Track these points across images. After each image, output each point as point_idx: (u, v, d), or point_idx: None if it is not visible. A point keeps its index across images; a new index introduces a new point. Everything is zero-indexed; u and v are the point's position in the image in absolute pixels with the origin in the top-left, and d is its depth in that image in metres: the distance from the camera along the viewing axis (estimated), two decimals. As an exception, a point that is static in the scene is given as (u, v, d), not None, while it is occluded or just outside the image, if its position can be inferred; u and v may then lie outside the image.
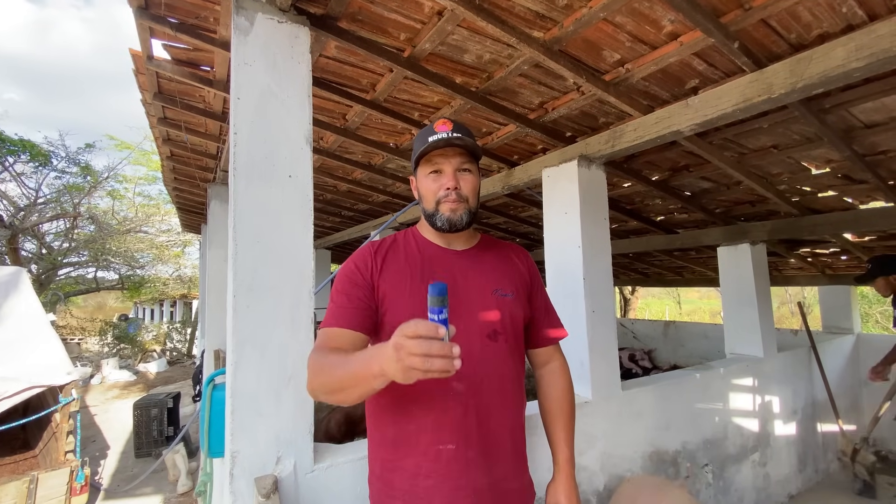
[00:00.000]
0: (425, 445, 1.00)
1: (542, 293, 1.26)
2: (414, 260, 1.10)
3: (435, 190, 1.08)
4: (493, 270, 1.15)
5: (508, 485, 1.08)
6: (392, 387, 1.05)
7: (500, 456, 1.06)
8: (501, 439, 1.07)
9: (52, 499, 2.89)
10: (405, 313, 1.01)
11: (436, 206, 1.09)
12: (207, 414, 1.46)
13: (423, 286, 1.04)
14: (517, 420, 1.13)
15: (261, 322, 1.30)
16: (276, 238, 1.36)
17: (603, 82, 1.90)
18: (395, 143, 2.99)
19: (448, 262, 1.12)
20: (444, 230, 1.09)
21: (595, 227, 2.20)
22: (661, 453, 2.33)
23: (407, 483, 1.01)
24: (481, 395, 1.04)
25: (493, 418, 1.06)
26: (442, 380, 1.00)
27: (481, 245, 1.20)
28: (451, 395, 1.02)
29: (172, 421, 4.73)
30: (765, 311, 3.15)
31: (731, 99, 1.68)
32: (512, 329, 1.11)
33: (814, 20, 1.50)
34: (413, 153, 1.12)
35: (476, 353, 1.04)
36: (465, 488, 1.00)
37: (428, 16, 1.68)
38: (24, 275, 4.13)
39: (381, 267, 1.07)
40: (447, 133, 1.06)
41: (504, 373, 1.09)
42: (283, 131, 1.41)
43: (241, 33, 1.38)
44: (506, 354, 1.09)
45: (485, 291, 1.10)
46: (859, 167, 2.30)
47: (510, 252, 1.23)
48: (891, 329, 10.25)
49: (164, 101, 2.70)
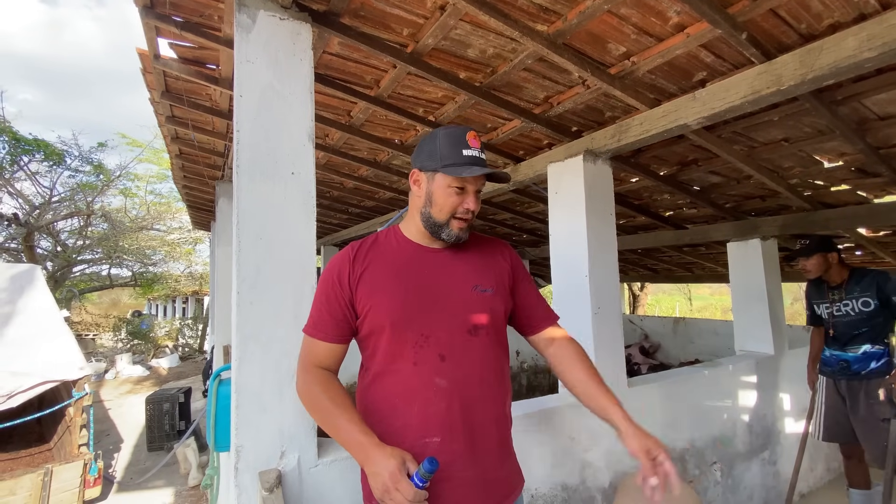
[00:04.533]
0: (412, 440, 1.01)
1: (529, 283, 1.26)
2: (395, 260, 1.12)
3: (453, 205, 1.08)
4: (473, 267, 1.15)
5: (495, 474, 1.08)
6: (379, 387, 1.07)
7: (485, 447, 1.07)
8: (486, 431, 1.08)
9: (65, 491, 2.96)
10: (385, 310, 1.04)
11: (447, 220, 1.09)
12: (213, 409, 1.47)
13: (402, 286, 1.07)
14: (502, 411, 1.13)
15: (264, 318, 1.31)
16: (279, 235, 1.37)
17: (608, 76, 1.87)
18: (400, 139, 2.99)
19: (427, 260, 1.13)
20: (447, 241, 1.12)
21: (601, 223, 2.18)
22: (668, 451, 2.31)
23: None
24: (464, 389, 1.05)
25: (478, 411, 1.06)
26: (425, 377, 1.03)
27: (467, 242, 1.20)
28: (434, 390, 1.03)
29: (184, 415, 4.81)
30: (775, 307, 3.10)
31: (740, 91, 1.65)
32: (493, 323, 1.12)
33: (825, 10, 1.46)
34: (432, 153, 1.09)
35: (458, 348, 1.06)
36: (452, 479, 1.01)
37: (430, 10, 1.67)
38: (38, 272, 4.21)
39: (361, 272, 1.08)
40: (478, 152, 1.07)
41: (486, 366, 1.10)
42: (285, 128, 1.42)
43: (243, 31, 1.39)
44: (487, 348, 1.10)
45: (464, 288, 1.11)
46: (873, 160, 2.25)
47: (491, 247, 1.24)
48: None
49: (172, 100, 2.72)
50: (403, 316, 1.04)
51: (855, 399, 2.38)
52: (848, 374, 2.42)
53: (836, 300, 2.51)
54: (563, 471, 1.91)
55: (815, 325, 2.67)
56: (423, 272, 1.10)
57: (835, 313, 2.52)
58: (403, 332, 1.04)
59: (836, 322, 2.51)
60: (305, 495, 1.33)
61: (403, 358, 1.04)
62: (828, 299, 2.56)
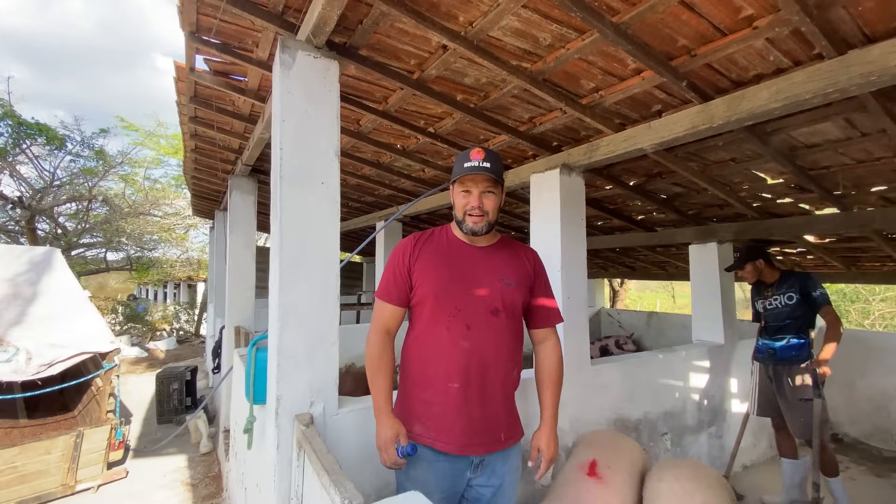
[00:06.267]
0: (439, 383, 1.40)
1: (545, 287, 1.60)
2: (443, 250, 1.50)
3: (463, 205, 1.46)
4: (503, 264, 1.51)
5: (498, 419, 1.46)
6: (419, 343, 1.47)
7: (492, 398, 1.44)
8: (494, 386, 1.45)
9: (94, 452, 3.30)
10: (430, 286, 1.43)
11: (463, 217, 1.47)
12: (252, 370, 1.84)
13: (446, 270, 1.45)
14: (509, 375, 1.50)
15: (300, 297, 1.67)
16: (311, 233, 1.73)
17: (581, 105, 2.25)
18: (402, 145, 3.34)
19: (468, 254, 1.50)
20: (467, 233, 1.48)
21: (573, 227, 2.57)
22: (625, 420, 2.73)
23: (423, 410, 1.41)
24: (481, 353, 1.42)
25: (490, 371, 1.43)
26: (454, 339, 1.41)
27: (498, 244, 1.57)
28: (459, 350, 1.40)
29: (190, 392, 5.15)
30: (728, 303, 3.54)
31: (683, 125, 2.04)
32: (511, 309, 1.48)
33: (749, 64, 1.84)
34: (453, 171, 1.49)
35: (481, 323, 1.43)
36: (464, 416, 1.39)
37: (434, 48, 2.02)
38: (57, 254, 4.50)
39: (418, 254, 1.47)
40: (478, 162, 1.43)
41: (501, 340, 1.46)
42: (317, 147, 1.77)
43: (285, 67, 1.73)
44: (503, 327, 1.46)
45: (493, 279, 1.47)
46: (804, 179, 2.66)
47: (521, 251, 1.60)
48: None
49: (197, 104, 3.04)
50: (444, 292, 1.43)
51: (780, 381, 2.81)
52: (775, 360, 2.85)
53: (769, 296, 2.94)
54: (533, 430, 2.31)
55: (758, 321, 3.10)
56: (463, 262, 1.48)
57: (767, 307, 2.95)
58: (442, 304, 1.42)
59: (768, 315, 2.94)
60: (329, 436, 1.70)
61: (439, 323, 1.42)
62: (762, 296, 2.99)
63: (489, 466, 1.45)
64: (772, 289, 2.91)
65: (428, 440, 1.40)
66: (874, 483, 3.32)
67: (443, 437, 1.39)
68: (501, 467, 1.47)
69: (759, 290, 3.02)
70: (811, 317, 2.79)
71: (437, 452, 1.40)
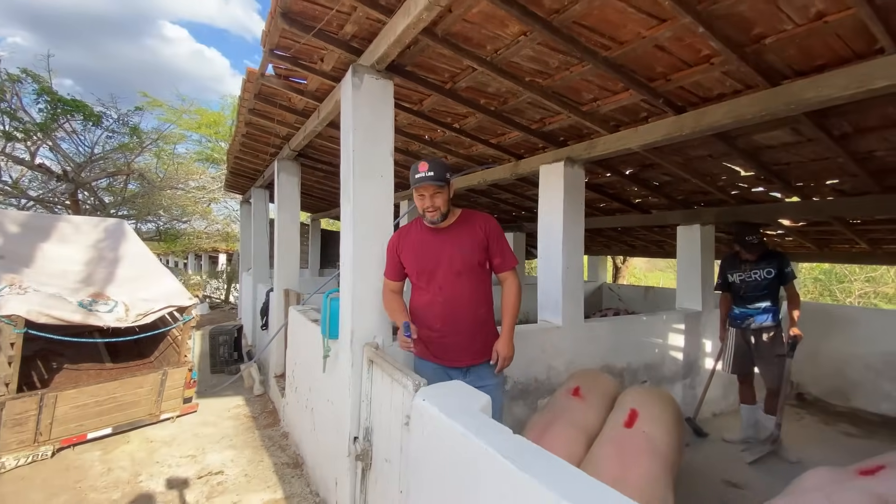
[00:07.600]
0: (426, 327, 2.07)
1: (497, 243, 2.09)
2: (417, 237, 2.12)
3: (420, 205, 2.05)
4: (461, 236, 2.09)
5: (468, 344, 2.09)
6: (413, 299, 2.18)
7: (464, 330, 2.07)
8: (463, 324, 2.07)
9: (174, 388, 4.04)
10: (412, 266, 2.10)
11: (423, 213, 2.07)
12: (328, 314, 2.48)
13: (420, 252, 2.08)
14: (475, 313, 2.09)
15: (369, 261, 2.29)
16: (372, 215, 2.32)
17: (581, 112, 2.79)
18: (430, 136, 3.89)
19: (433, 236, 2.10)
20: (431, 224, 2.07)
21: (573, 211, 3.14)
22: (611, 367, 3.37)
23: (426, 339, 2.08)
24: (453, 303, 2.06)
25: (460, 313, 2.06)
26: (432, 296, 2.07)
27: (457, 221, 2.12)
28: (437, 303, 2.06)
29: (237, 347, 5.90)
30: (707, 276, 4.11)
31: (661, 132, 2.58)
32: (470, 268, 2.06)
33: (712, 87, 2.36)
34: (410, 180, 2.01)
35: (449, 283, 2.06)
36: (447, 342, 2.07)
37: (463, 66, 2.56)
38: (125, 225, 5.17)
39: (402, 245, 2.14)
40: (424, 173, 1.96)
41: (466, 292, 2.07)
42: (377, 149, 2.35)
43: (355, 88, 2.29)
44: (465, 283, 2.07)
45: (453, 250, 2.06)
46: (767, 174, 3.19)
47: (477, 221, 2.11)
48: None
49: (259, 100, 3.60)
50: (421, 268, 2.08)
51: (759, 342, 3.41)
52: (752, 325, 3.44)
53: (747, 269, 3.49)
54: (535, 369, 2.96)
55: (723, 290, 3.66)
56: (432, 243, 2.09)
57: (746, 279, 3.51)
58: (422, 276, 2.09)
59: (746, 286, 3.50)
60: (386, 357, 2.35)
61: (422, 288, 2.11)
62: (740, 269, 3.55)
63: (474, 373, 2.10)
64: (751, 264, 3.45)
65: (433, 358, 2.09)
66: (821, 429, 3.96)
67: (439, 355, 2.09)
68: (485, 375, 2.11)
69: (734, 263, 3.56)
70: (778, 289, 3.38)
71: (437, 366, 2.09)
